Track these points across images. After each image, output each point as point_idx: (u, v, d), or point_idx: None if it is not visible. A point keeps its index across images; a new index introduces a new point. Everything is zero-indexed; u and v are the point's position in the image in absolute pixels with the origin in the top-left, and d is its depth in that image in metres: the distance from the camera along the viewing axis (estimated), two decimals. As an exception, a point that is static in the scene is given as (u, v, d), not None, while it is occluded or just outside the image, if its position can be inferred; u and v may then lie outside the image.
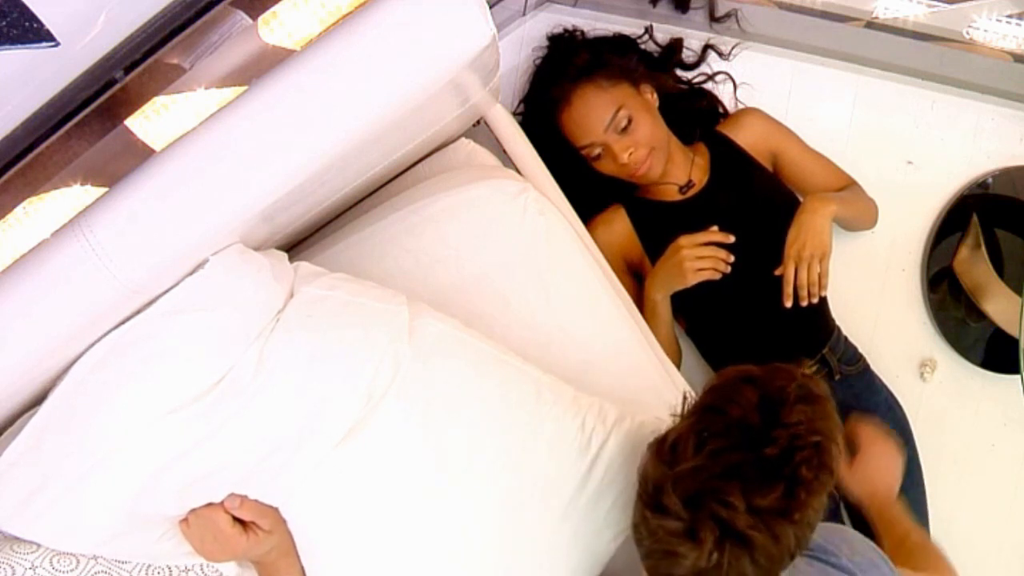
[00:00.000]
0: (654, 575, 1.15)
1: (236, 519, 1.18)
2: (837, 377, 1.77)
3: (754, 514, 1.06)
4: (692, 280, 1.65)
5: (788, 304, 1.66)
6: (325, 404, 1.16)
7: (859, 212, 1.84)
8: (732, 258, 1.65)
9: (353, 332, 1.19)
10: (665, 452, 1.13)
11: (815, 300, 1.67)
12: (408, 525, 1.24)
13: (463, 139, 1.63)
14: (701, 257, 1.64)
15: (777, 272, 1.67)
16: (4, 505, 1.13)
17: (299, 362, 1.15)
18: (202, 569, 1.25)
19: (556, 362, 1.40)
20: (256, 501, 1.19)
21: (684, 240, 1.66)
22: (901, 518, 1.48)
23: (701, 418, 1.14)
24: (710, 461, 1.08)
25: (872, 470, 1.53)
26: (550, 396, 1.30)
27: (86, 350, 1.09)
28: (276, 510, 1.21)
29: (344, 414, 1.17)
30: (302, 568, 1.24)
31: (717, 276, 1.65)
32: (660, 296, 1.70)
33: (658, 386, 1.48)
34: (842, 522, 1.72)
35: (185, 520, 1.18)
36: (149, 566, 1.22)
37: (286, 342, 1.15)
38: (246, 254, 1.15)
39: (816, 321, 1.78)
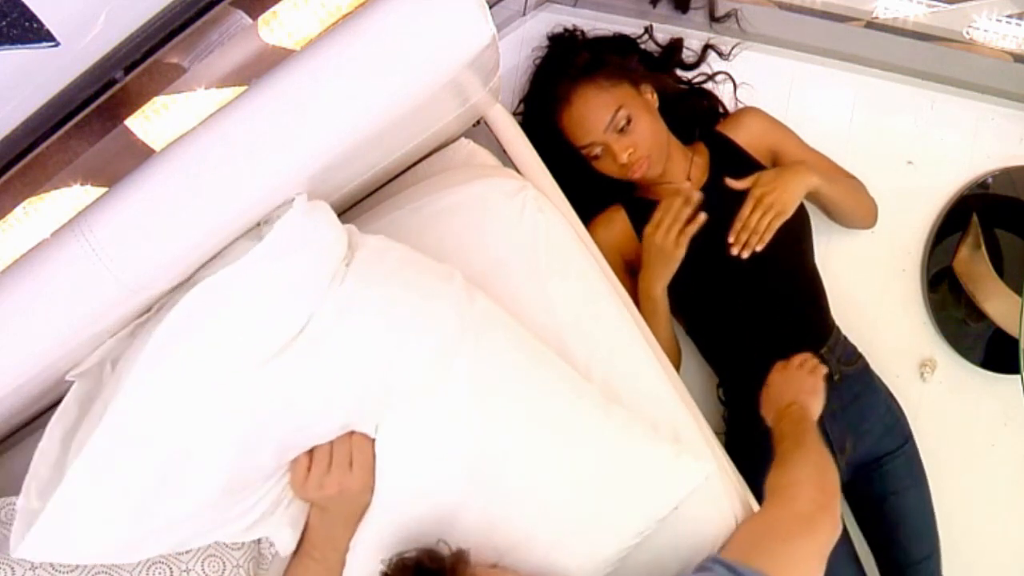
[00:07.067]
0: None
1: None
2: (836, 377, 1.77)
3: None
4: (680, 252, 1.64)
5: (735, 251, 1.65)
6: (402, 353, 1.20)
7: (845, 199, 1.82)
8: (692, 208, 1.63)
9: (423, 280, 1.24)
10: None
11: (747, 253, 1.65)
12: (479, 475, 1.27)
13: (463, 139, 1.63)
14: (670, 229, 1.64)
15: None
16: (118, 536, 1.13)
17: (376, 309, 1.18)
18: (203, 569, 1.25)
19: (556, 361, 1.40)
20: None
21: (649, 229, 1.66)
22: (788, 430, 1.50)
23: None
24: None
25: (771, 396, 1.59)
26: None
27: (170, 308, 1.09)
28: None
29: (418, 364, 1.21)
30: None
31: (695, 230, 1.63)
32: (659, 289, 1.69)
33: (656, 386, 1.48)
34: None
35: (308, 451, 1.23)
36: (150, 566, 1.22)
37: (362, 288, 1.18)
38: (310, 200, 1.16)
39: (815, 320, 1.78)
